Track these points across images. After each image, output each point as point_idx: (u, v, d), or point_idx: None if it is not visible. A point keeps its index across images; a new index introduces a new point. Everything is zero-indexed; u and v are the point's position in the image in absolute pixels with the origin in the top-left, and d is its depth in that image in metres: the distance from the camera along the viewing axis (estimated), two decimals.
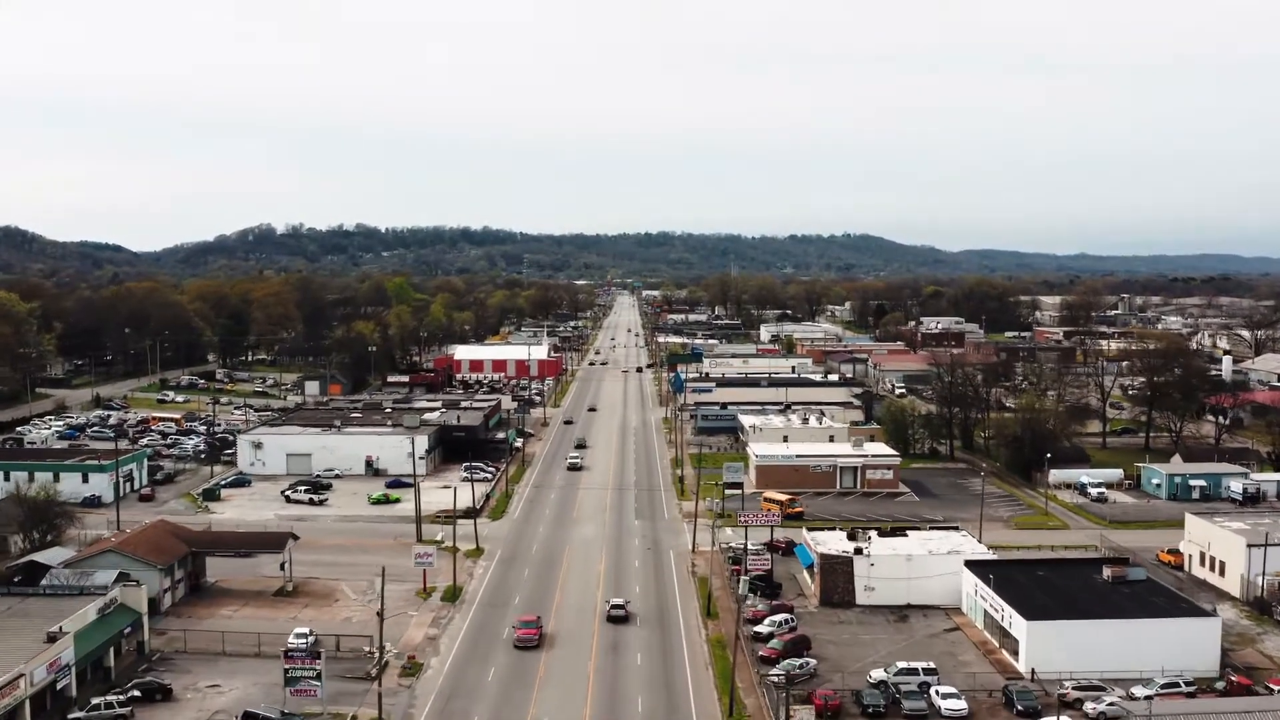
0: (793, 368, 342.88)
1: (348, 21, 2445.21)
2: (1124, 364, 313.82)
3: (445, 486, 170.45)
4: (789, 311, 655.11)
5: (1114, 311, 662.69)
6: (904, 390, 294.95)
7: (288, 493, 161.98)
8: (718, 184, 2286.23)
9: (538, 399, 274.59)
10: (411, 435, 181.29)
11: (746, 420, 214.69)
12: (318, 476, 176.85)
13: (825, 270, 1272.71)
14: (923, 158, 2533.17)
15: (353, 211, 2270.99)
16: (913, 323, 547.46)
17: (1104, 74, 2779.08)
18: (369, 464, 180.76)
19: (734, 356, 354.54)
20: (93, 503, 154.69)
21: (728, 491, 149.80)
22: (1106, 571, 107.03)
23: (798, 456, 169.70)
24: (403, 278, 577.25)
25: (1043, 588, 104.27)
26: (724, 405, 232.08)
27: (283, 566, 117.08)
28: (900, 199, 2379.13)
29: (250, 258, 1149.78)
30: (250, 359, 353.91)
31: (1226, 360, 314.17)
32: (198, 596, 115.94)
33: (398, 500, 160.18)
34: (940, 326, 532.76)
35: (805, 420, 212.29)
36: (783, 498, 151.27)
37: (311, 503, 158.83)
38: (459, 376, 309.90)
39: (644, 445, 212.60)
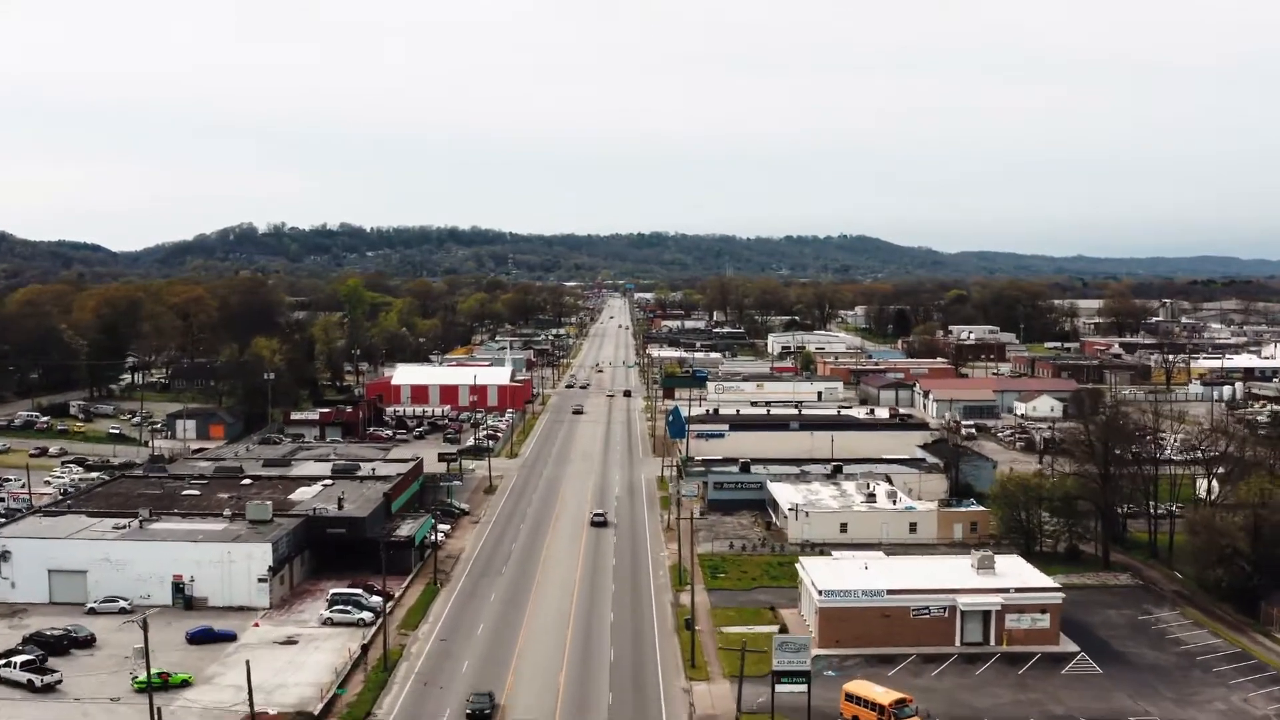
0: (819, 394, 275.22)
1: (340, 22, 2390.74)
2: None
3: (289, 640, 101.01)
4: (796, 318, 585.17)
5: (1155, 318, 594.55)
6: (972, 429, 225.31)
7: None
8: (712, 184, 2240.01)
9: (489, 444, 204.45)
10: (249, 541, 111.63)
11: (781, 493, 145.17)
12: (90, 610, 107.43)
13: (822, 272, 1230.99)
14: (919, 159, 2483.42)
15: (342, 212, 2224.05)
16: (941, 331, 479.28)
17: (1101, 77, 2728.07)
18: (178, 589, 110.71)
19: (745, 380, 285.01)
20: None
21: (782, 685, 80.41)
22: None
23: (889, 592, 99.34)
24: (357, 280, 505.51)
25: None
26: (745, 465, 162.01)
27: None
28: (897, 200, 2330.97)
29: (229, 257, 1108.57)
30: (141, 382, 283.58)
31: None
32: None
33: (187, 683, 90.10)
34: (973, 337, 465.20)
35: (870, 495, 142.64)
36: (884, 699, 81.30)
37: (30, 687, 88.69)
38: (393, 411, 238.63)
39: (630, 539, 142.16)
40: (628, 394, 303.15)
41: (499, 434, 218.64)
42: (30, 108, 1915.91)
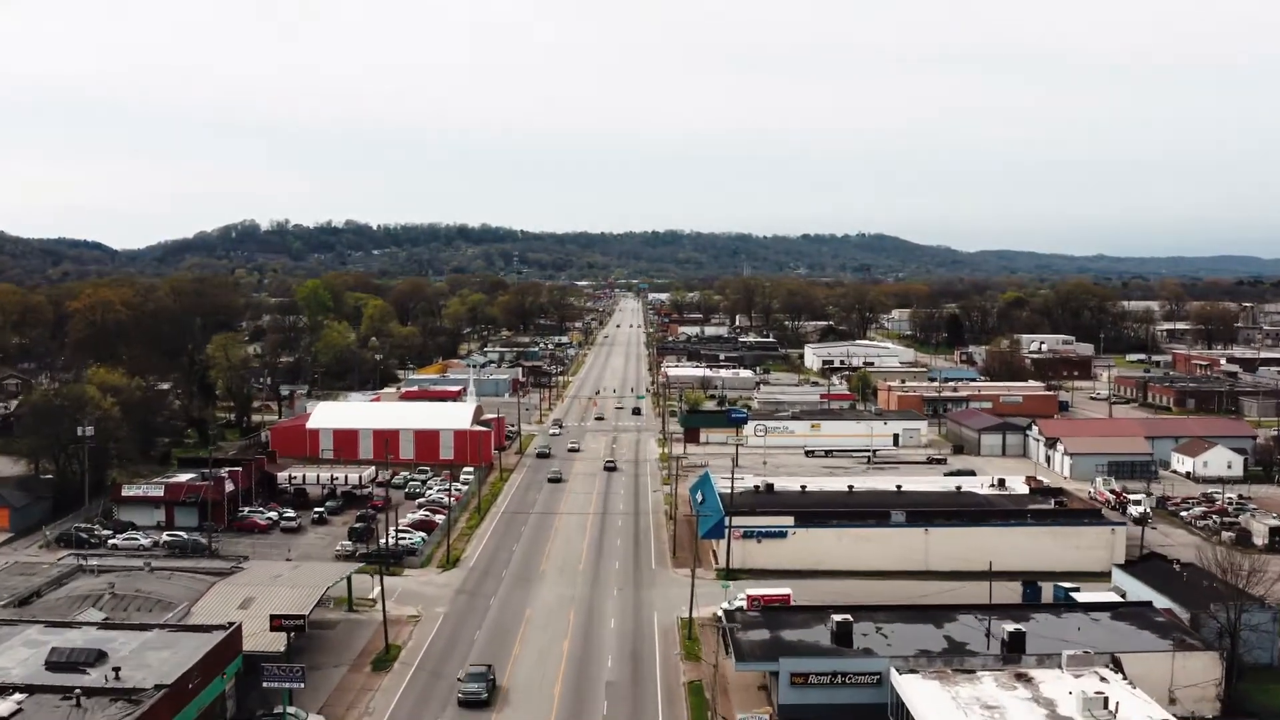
0: (895, 437, 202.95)
1: (345, 21, 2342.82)
2: None
3: None
4: (832, 323, 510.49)
5: (1236, 325, 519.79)
6: (1143, 506, 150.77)
7: None
8: (727, 182, 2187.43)
9: (417, 545, 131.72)
10: None
11: (918, 700, 72.00)
12: None
13: (841, 271, 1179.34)
14: (937, 157, 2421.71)
15: (348, 210, 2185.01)
16: (1006, 342, 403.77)
17: (1120, 75, 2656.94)
18: None
19: (795, 419, 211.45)
20: None
21: None
22: None
23: None
24: (317, 281, 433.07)
25: None
26: (842, 630, 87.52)
27: None
28: (915, 198, 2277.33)
29: (229, 256, 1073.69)
30: None
31: None
32: None
33: None
34: (1046, 348, 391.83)
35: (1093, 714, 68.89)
36: None
37: None
38: (288, 476, 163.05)
39: None
40: (637, 411, 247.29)
41: (442, 511, 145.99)
42: (33, 105, 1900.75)
